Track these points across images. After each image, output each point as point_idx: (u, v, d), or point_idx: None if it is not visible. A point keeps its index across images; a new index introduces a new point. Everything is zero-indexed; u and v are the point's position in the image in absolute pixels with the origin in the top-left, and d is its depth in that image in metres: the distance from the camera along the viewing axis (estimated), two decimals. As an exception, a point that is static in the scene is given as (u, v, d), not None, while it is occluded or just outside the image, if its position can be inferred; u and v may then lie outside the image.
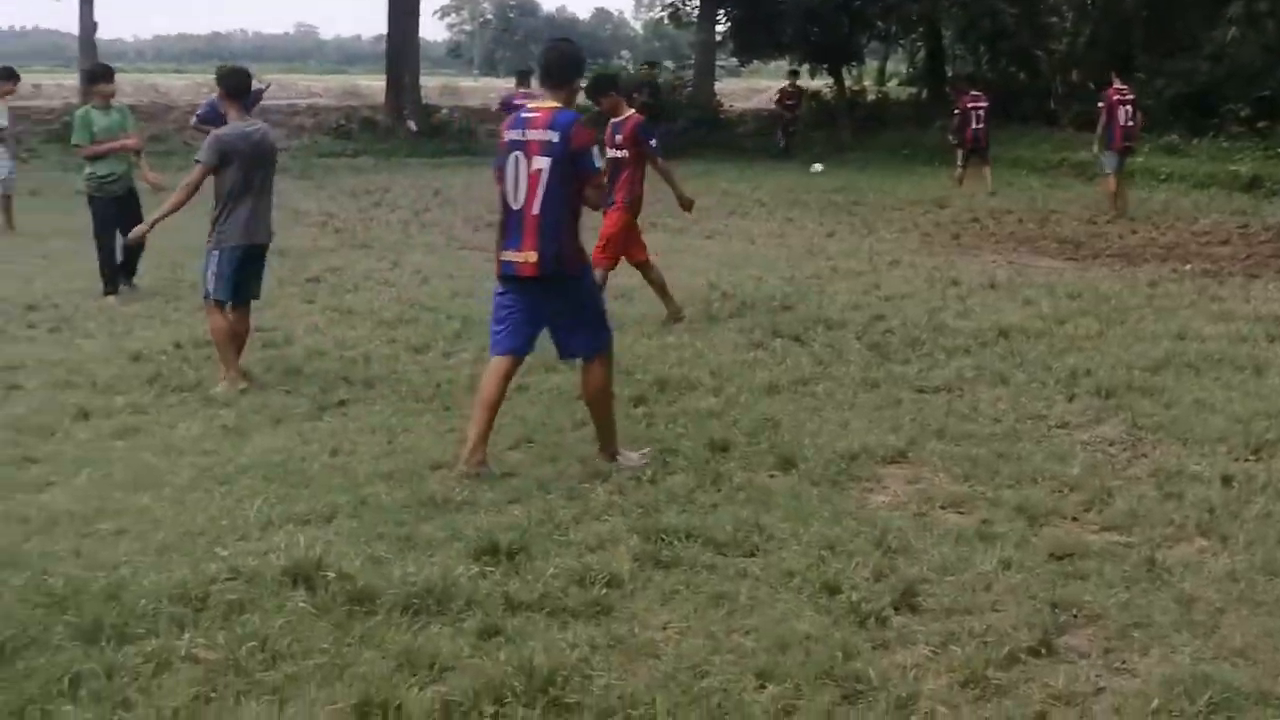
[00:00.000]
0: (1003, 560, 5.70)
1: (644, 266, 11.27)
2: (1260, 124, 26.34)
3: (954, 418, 8.14)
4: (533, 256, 6.87)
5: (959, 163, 23.38)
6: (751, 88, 54.96)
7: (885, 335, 10.53)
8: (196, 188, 8.88)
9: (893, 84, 40.60)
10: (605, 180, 7.11)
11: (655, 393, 8.69)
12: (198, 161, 8.84)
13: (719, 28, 38.22)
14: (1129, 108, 19.13)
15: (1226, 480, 6.82)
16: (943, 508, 6.55)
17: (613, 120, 11.11)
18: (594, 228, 9.77)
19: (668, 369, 9.26)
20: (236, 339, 9.06)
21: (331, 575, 5.35)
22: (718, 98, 37.35)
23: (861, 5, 34.84)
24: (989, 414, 8.23)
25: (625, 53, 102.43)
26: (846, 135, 32.83)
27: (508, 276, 7.08)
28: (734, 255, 15.27)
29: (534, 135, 6.82)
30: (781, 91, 34.39)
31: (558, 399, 8.54)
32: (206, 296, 9.04)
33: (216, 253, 8.89)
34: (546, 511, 6.30)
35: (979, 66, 37.33)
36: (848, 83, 37.75)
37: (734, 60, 43.00)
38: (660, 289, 11.25)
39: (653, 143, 11.08)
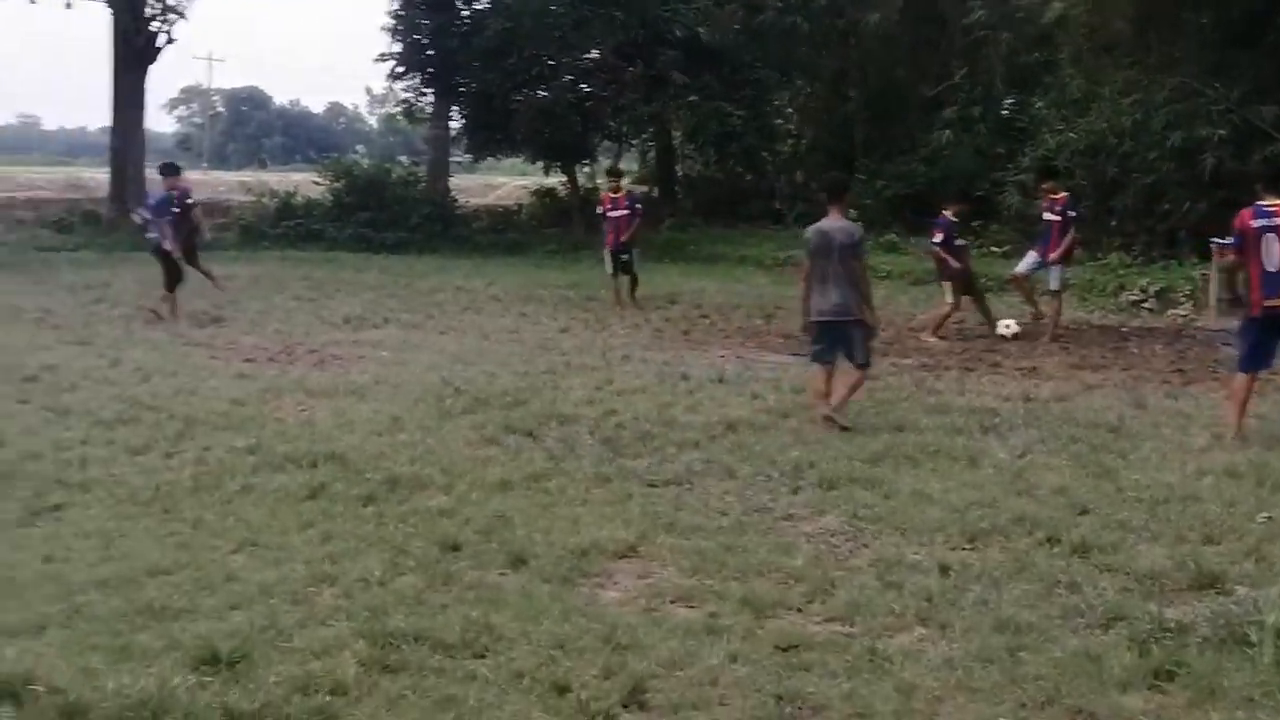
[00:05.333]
0: (730, 653, 5.77)
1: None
2: (975, 223, 27.59)
3: (684, 511, 8.24)
4: None
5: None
6: (487, 184, 55.29)
7: (617, 430, 10.61)
8: None
9: (625, 182, 41.30)
10: None
11: (385, 491, 8.56)
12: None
13: (453, 124, 38.35)
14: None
15: (944, 569, 7.05)
16: (672, 602, 6.60)
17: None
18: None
19: (398, 467, 9.15)
20: None
21: (41, 689, 5.11)
22: (452, 194, 37.34)
23: (593, 105, 35.40)
24: (717, 507, 8.36)
25: (361, 147, 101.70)
26: (580, 232, 33.13)
27: (1270, 318, 10.30)
28: (468, 351, 15.21)
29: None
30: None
31: (283, 500, 8.34)
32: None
33: None
34: (269, 617, 6.14)
35: (707, 166, 38.31)
36: (581, 181, 38.23)
37: (469, 157, 43.06)
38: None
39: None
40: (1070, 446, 10.08)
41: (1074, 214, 17.19)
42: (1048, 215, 17.33)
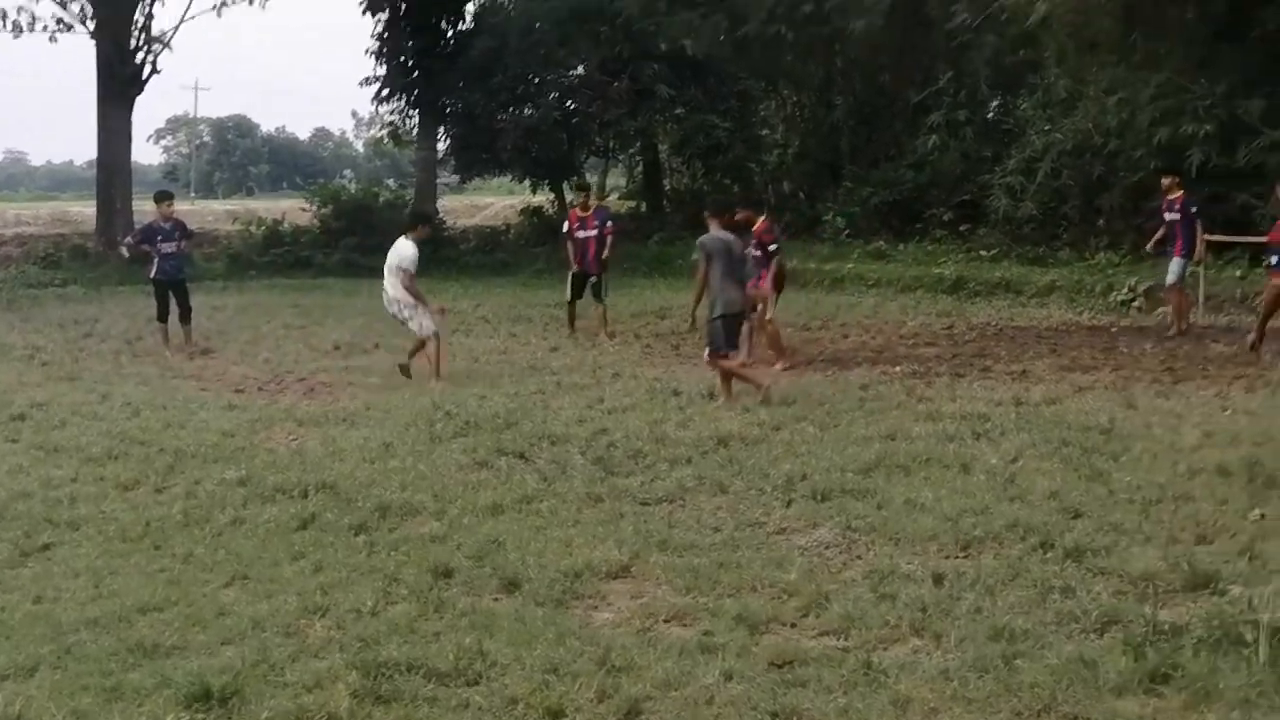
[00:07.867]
0: (724, 671, 5.75)
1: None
2: (962, 227, 27.68)
3: (676, 528, 8.23)
4: None
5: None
6: (474, 204, 55.28)
7: (609, 449, 10.57)
8: None
9: (613, 198, 41.26)
10: None
11: (377, 519, 8.54)
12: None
13: (440, 146, 38.39)
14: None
15: (938, 578, 7.04)
16: (665, 621, 6.58)
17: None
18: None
19: (389, 494, 9.12)
20: None
21: (31, 733, 5.08)
22: (440, 215, 37.33)
23: (579, 122, 35.44)
24: (710, 523, 8.35)
25: (348, 172, 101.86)
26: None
27: None
28: (457, 373, 15.19)
29: None
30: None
31: (274, 531, 8.31)
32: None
33: None
34: (261, 651, 6.11)
35: (695, 179, 38.33)
36: (568, 198, 38.24)
37: (456, 178, 43.10)
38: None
39: None
40: (1062, 450, 10.07)
41: (1195, 209, 17.50)
42: (1169, 215, 17.60)
